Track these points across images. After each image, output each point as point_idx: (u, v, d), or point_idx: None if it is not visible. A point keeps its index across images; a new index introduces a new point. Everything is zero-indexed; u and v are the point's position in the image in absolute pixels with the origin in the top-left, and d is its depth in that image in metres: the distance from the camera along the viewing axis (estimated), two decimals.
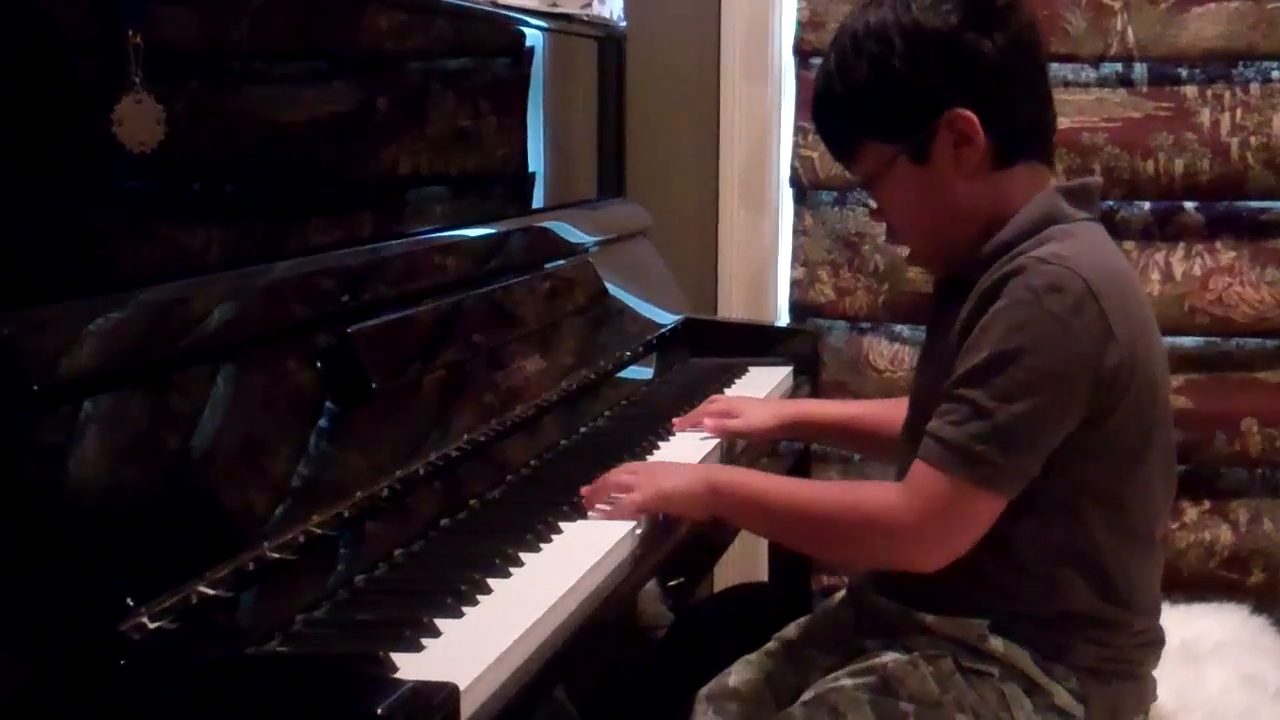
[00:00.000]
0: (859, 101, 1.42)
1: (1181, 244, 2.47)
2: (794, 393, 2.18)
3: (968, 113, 1.37)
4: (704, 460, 1.68)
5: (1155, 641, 1.44)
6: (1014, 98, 1.40)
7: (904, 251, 1.55)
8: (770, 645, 1.64)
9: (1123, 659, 1.40)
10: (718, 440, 1.76)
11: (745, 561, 2.66)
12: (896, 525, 1.34)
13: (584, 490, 1.45)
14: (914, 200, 1.44)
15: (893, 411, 1.72)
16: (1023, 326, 1.29)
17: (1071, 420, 1.31)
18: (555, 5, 2.20)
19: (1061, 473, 1.33)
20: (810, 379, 2.28)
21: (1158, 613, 1.45)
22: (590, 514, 1.43)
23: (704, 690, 1.61)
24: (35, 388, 1.02)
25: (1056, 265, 1.30)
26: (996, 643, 1.37)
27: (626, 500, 1.42)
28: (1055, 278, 1.29)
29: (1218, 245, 2.46)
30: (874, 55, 1.39)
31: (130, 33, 1.17)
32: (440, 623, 1.12)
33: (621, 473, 1.47)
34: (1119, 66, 2.43)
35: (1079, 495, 1.35)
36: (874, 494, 1.41)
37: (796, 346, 2.30)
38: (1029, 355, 1.28)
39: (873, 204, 1.52)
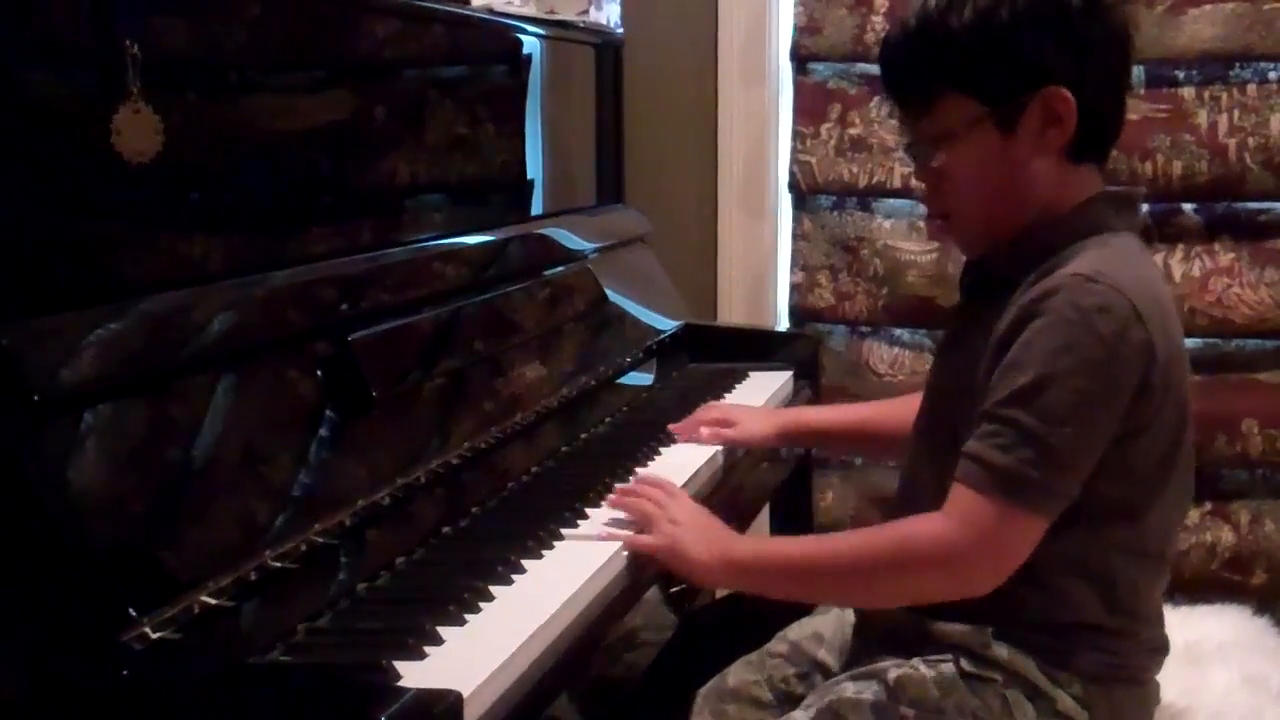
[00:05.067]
0: (959, 49, 1.33)
1: (1180, 245, 2.47)
2: (794, 397, 2.18)
3: (1068, 94, 1.32)
4: (705, 466, 1.68)
5: (1160, 648, 1.43)
6: (1107, 94, 1.37)
7: (924, 210, 1.50)
8: (771, 645, 1.63)
9: (1127, 666, 1.39)
10: (719, 447, 1.75)
11: None
12: (949, 555, 1.30)
13: (619, 488, 1.50)
14: (983, 170, 1.37)
15: (891, 412, 1.71)
16: (1069, 348, 1.26)
17: (1109, 440, 1.29)
18: (552, 12, 2.21)
19: (1086, 489, 1.30)
20: (811, 383, 2.28)
21: (1162, 622, 1.44)
22: (601, 507, 1.46)
23: (703, 690, 1.61)
24: (35, 397, 1.02)
25: (1102, 285, 1.27)
26: (1001, 649, 1.36)
27: (638, 537, 1.41)
28: (1102, 298, 1.26)
29: (1216, 246, 2.46)
30: (987, 7, 1.33)
31: (128, 43, 1.17)
32: (443, 630, 1.12)
33: (656, 492, 1.47)
34: None
35: (1100, 511, 1.33)
36: (916, 528, 1.33)
37: (797, 351, 2.30)
38: (1076, 378, 1.25)
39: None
